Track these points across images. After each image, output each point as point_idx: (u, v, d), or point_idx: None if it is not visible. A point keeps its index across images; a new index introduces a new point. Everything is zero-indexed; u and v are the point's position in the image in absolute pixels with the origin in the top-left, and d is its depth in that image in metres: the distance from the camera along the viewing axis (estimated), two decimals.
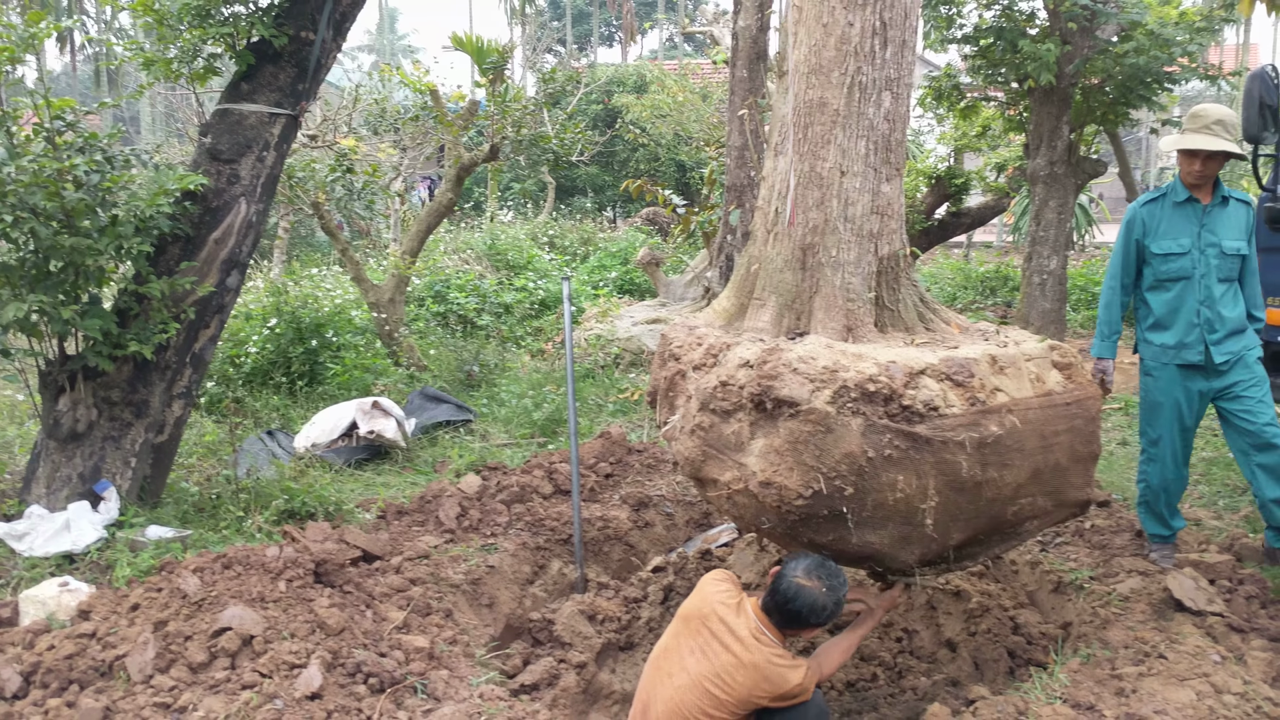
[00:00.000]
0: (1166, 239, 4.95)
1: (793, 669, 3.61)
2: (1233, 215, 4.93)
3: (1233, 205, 4.94)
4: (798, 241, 4.05)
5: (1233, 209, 4.94)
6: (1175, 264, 4.94)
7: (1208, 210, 4.92)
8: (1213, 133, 4.79)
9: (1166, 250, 4.95)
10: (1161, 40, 9.81)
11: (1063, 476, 3.96)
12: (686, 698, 3.62)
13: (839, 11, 3.92)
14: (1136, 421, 8.52)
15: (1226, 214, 4.92)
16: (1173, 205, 4.98)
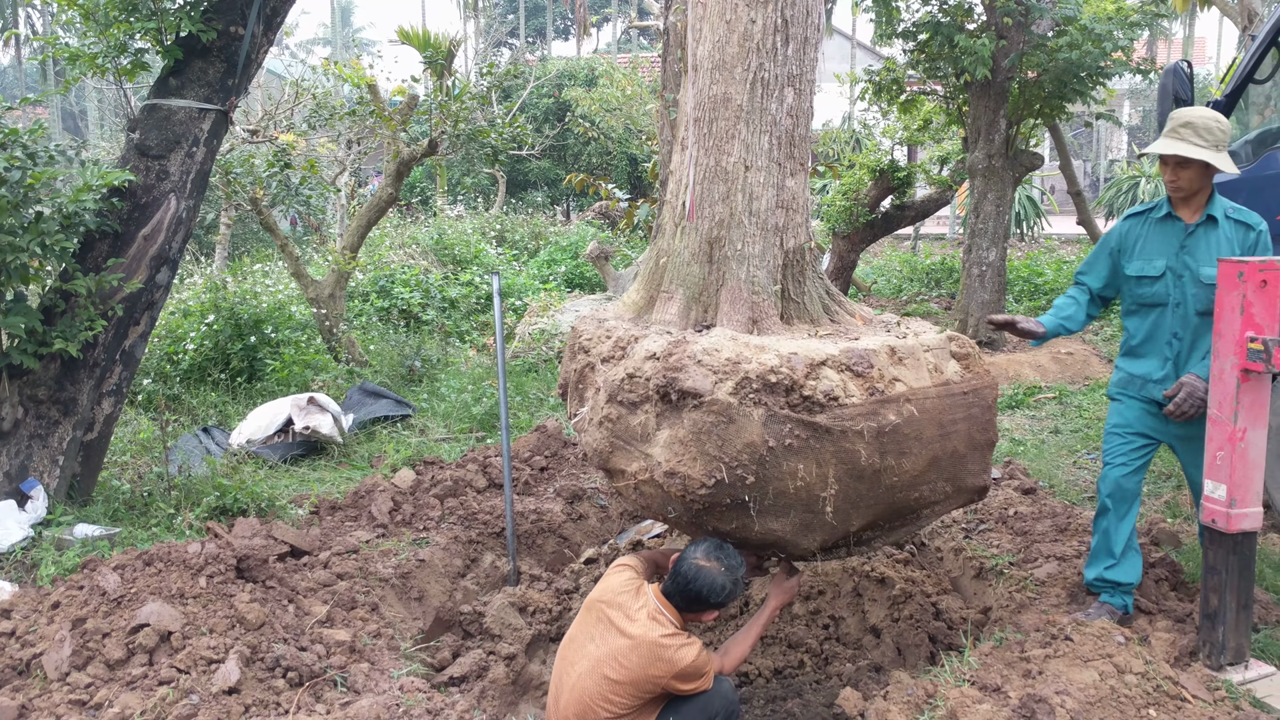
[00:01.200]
0: (1141, 259, 4.43)
1: (686, 647, 3.66)
2: (1222, 238, 4.26)
3: (1224, 226, 4.28)
4: (704, 235, 4.12)
5: (1224, 230, 4.27)
6: (1149, 289, 4.41)
7: (1190, 230, 4.31)
8: (1179, 136, 4.25)
9: (1140, 272, 4.43)
10: (1095, 35, 9.99)
11: (961, 464, 4.05)
12: (587, 684, 3.67)
13: (741, 9, 3.98)
14: (1069, 410, 8.73)
15: (1213, 236, 4.26)
16: (1155, 221, 4.43)
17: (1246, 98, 6.37)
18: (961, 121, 11.76)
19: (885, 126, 14.53)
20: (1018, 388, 9.45)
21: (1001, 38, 10.21)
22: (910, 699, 3.93)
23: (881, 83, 11.73)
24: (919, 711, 3.82)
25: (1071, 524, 5.54)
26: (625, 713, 3.67)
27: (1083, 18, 10.15)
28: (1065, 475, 6.90)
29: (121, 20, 5.79)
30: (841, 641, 5.12)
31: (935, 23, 10.55)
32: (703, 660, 3.69)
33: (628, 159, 24.43)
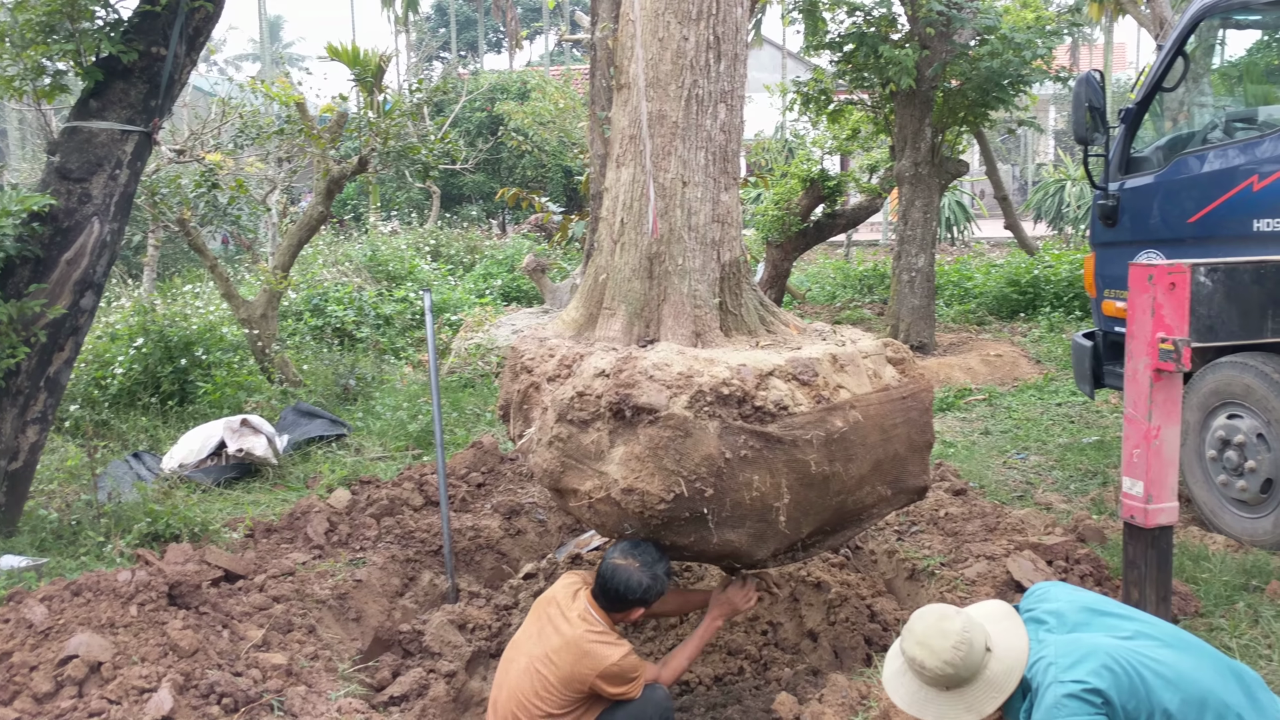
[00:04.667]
0: None
1: (611, 646, 3.73)
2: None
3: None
4: (644, 251, 4.16)
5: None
6: None
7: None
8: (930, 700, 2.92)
9: None
10: (1015, 44, 10.24)
11: (902, 465, 4.15)
12: (522, 682, 3.75)
13: (674, 26, 4.04)
14: (999, 412, 8.92)
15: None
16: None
17: (1159, 104, 6.58)
18: (889, 130, 11.97)
19: (815, 136, 14.73)
20: (949, 390, 9.63)
21: (925, 48, 10.42)
22: (845, 701, 4.00)
23: (810, 93, 11.91)
24: (853, 713, 3.90)
25: (1000, 523, 5.67)
26: (558, 712, 3.74)
27: (1003, 27, 10.41)
28: (995, 475, 7.05)
29: (39, 42, 5.69)
30: (780, 647, 5.17)
31: (861, 34, 10.74)
32: (629, 664, 3.74)
33: (562, 171, 24.44)
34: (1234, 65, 7.10)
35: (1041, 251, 16.30)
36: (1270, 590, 4.82)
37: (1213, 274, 4.23)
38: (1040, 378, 10.12)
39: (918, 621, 2.88)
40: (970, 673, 2.78)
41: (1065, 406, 9.02)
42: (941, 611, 2.87)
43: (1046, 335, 12.13)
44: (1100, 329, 6.78)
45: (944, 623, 2.81)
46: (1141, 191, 6.30)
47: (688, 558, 4.39)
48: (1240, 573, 5.03)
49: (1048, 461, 7.42)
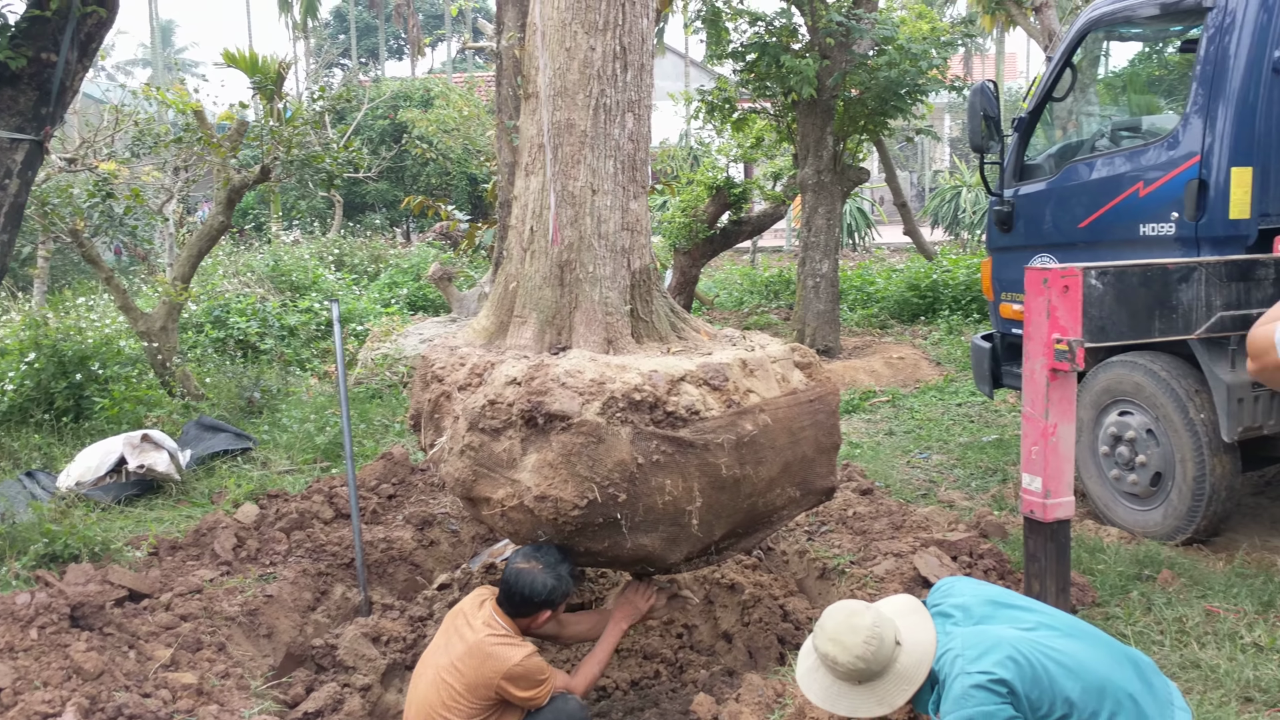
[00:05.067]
0: None
1: (514, 647, 3.75)
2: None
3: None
4: (555, 259, 4.19)
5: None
6: None
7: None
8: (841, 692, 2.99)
9: None
10: (912, 55, 10.52)
11: (810, 467, 4.24)
12: (429, 694, 3.75)
13: (581, 36, 4.08)
14: (902, 413, 9.14)
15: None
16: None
17: (1049, 113, 6.83)
18: (792, 139, 12.17)
19: (720, 144, 14.90)
20: (854, 393, 9.83)
21: (825, 58, 10.63)
22: (761, 700, 4.07)
23: (714, 102, 12.05)
24: (770, 711, 3.96)
25: (906, 521, 5.81)
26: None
27: (899, 38, 10.68)
28: (900, 475, 7.22)
29: None
30: (695, 649, 5.23)
31: (763, 44, 10.91)
32: (534, 665, 3.76)
33: (467, 179, 24.28)
34: (1118, 76, 7.41)
35: (940, 256, 16.74)
36: (1161, 579, 5.04)
37: (1103, 277, 4.41)
38: (941, 379, 10.40)
39: (829, 618, 2.96)
40: (881, 666, 2.86)
41: (965, 406, 9.28)
42: (851, 608, 2.95)
43: (946, 338, 12.46)
44: (998, 331, 7.00)
45: (854, 619, 2.90)
46: (1035, 198, 6.54)
47: (602, 563, 4.43)
48: (1133, 563, 5.24)
49: (949, 460, 7.64)
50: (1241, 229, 5.31)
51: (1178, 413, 5.45)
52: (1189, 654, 4.30)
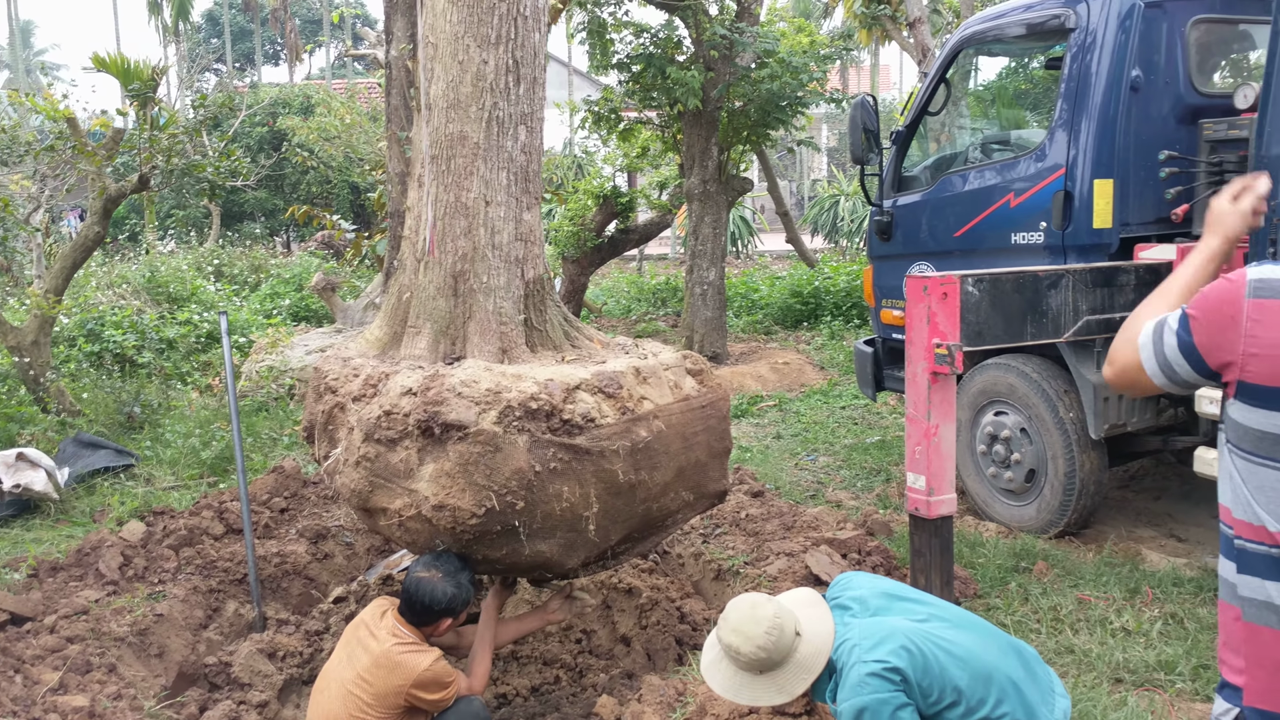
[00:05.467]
0: None
1: (421, 654, 3.78)
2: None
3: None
4: (448, 269, 4.21)
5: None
6: None
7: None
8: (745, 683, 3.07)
9: None
10: (792, 68, 10.79)
11: (703, 471, 4.35)
12: (335, 708, 3.74)
13: (473, 50, 4.11)
14: (789, 416, 9.36)
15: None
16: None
17: (925, 127, 7.11)
18: (677, 149, 12.35)
19: (606, 154, 15.01)
20: (742, 398, 10.02)
21: (710, 69, 10.83)
22: (663, 699, 4.16)
23: (601, 112, 12.15)
24: (671, 710, 4.05)
25: (797, 522, 5.97)
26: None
27: (781, 51, 10.95)
28: (789, 477, 7.41)
29: None
30: (594, 654, 5.30)
31: (648, 55, 11.05)
32: (442, 669, 3.80)
33: (349, 188, 23.90)
34: (990, 91, 7.75)
35: (821, 264, 17.15)
36: (1037, 570, 5.30)
37: (979, 284, 4.63)
38: (825, 383, 10.67)
39: (732, 610, 3.06)
40: (782, 656, 2.97)
41: (849, 409, 9.55)
42: (754, 600, 3.06)
43: (829, 343, 12.79)
44: (879, 336, 7.25)
45: (756, 610, 3.00)
46: (912, 208, 6.79)
47: (500, 571, 4.46)
48: (1011, 556, 5.50)
49: (836, 462, 7.86)
50: (1104, 238, 5.62)
51: (1049, 412, 5.74)
52: (1064, 640, 4.54)
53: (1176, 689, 4.12)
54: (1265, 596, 1.92)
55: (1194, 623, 4.65)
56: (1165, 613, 4.77)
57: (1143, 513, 6.43)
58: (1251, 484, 1.91)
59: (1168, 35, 5.62)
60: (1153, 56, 5.61)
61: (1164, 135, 5.65)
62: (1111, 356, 2.14)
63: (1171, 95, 5.67)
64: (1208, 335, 1.93)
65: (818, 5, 35.16)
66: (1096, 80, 5.61)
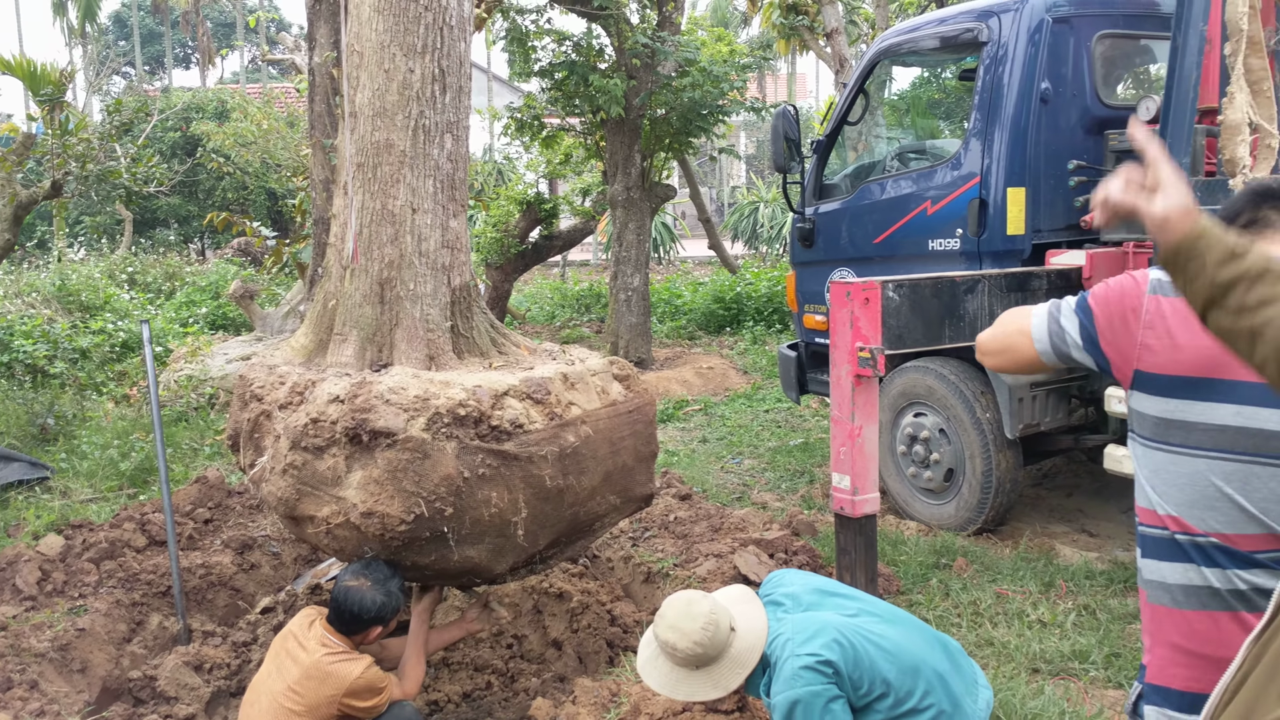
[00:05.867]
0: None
1: (352, 662, 3.77)
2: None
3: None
4: (375, 276, 4.20)
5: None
6: None
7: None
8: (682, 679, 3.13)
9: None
10: (713, 76, 10.93)
11: (630, 475, 4.41)
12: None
13: (399, 59, 4.12)
14: (714, 420, 9.46)
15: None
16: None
17: (845, 136, 7.27)
18: (600, 156, 12.42)
19: (529, 160, 15.02)
20: (668, 402, 10.11)
21: (632, 78, 10.91)
22: (597, 700, 4.20)
23: (523, 119, 12.17)
24: (606, 710, 4.10)
25: (724, 524, 6.06)
26: None
27: (701, 60, 11.08)
28: (715, 480, 7.51)
29: None
30: (526, 659, 5.31)
31: (571, 63, 11.11)
32: (375, 675, 3.80)
33: (266, 194, 23.52)
34: (907, 101, 7.94)
35: (743, 270, 17.35)
36: (957, 567, 5.45)
37: (900, 289, 4.76)
38: (749, 387, 10.82)
39: (669, 607, 3.12)
40: (717, 651, 3.04)
41: (773, 413, 9.70)
42: (690, 597, 3.13)
43: (751, 347, 12.96)
44: (802, 340, 7.39)
45: (692, 606, 3.07)
46: (833, 216, 6.94)
47: (429, 577, 4.47)
48: (931, 553, 5.65)
49: (761, 464, 7.98)
50: (1018, 244, 5.81)
51: (966, 413, 5.91)
52: (983, 633, 4.68)
53: (1090, 677, 4.28)
54: (1160, 577, 2.04)
55: (1105, 614, 4.84)
56: (1079, 605, 4.94)
57: (1056, 509, 6.65)
58: (1148, 468, 2.06)
59: (1075, 49, 5.84)
60: (1061, 69, 5.82)
61: (1072, 145, 5.86)
62: (999, 321, 2.29)
63: (1079, 107, 5.89)
64: (1107, 323, 2.07)
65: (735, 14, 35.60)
66: (1008, 92, 5.80)
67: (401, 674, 4.18)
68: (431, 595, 4.48)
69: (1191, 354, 1.93)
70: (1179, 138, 4.80)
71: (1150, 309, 2.00)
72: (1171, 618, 2.03)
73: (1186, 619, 1.99)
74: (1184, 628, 2.00)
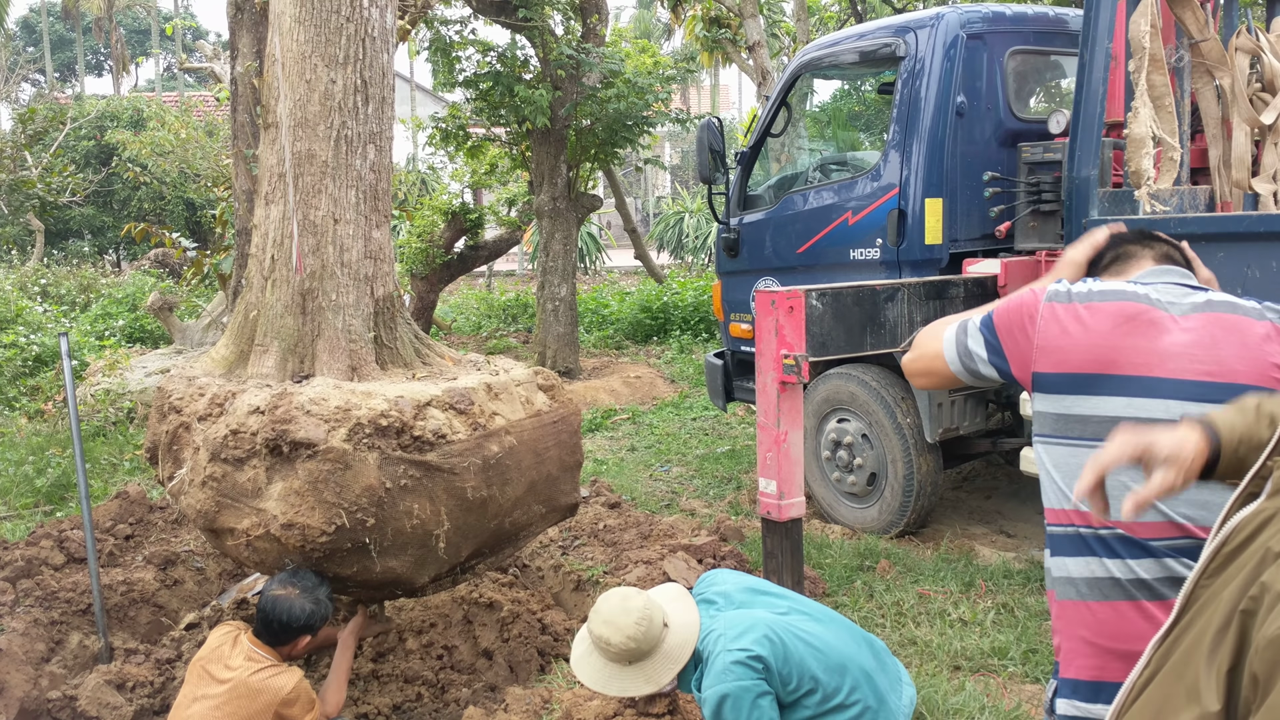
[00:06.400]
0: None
1: (283, 674, 3.74)
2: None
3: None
4: (296, 287, 4.18)
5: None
6: None
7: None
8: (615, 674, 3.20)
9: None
10: (638, 88, 11.01)
11: (554, 485, 4.43)
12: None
13: (321, 69, 4.10)
14: (642, 429, 9.51)
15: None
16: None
17: (768, 148, 7.37)
18: (526, 166, 12.42)
19: (454, 170, 14.97)
20: (596, 412, 10.14)
21: (557, 89, 10.95)
22: (529, 708, 4.22)
23: (448, 129, 12.14)
24: (538, 717, 4.12)
25: (653, 531, 6.10)
26: None
27: (626, 71, 11.16)
28: (644, 488, 7.55)
29: None
30: (456, 669, 5.29)
31: (495, 73, 11.11)
32: (307, 688, 3.77)
33: (184, 204, 23.09)
34: (828, 114, 8.08)
35: (669, 279, 17.47)
36: (880, 569, 5.56)
37: (823, 298, 4.85)
38: (676, 395, 10.89)
39: (603, 603, 3.17)
40: (650, 646, 3.09)
41: (700, 420, 9.78)
42: (624, 593, 3.18)
43: (678, 356, 13.05)
44: (729, 349, 7.47)
45: (627, 602, 3.12)
46: (757, 226, 7.04)
47: (351, 588, 4.44)
48: (856, 555, 5.75)
49: (689, 471, 8.04)
50: (936, 253, 5.95)
51: (887, 418, 6.03)
52: (906, 632, 4.79)
53: (1009, 672, 4.40)
54: (1066, 573, 2.15)
55: (1023, 611, 4.97)
56: (997, 603, 5.07)
57: (975, 511, 6.81)
58: (1050, 464, 2.18)
59: (988, 64, 6.01)
60: (976, 84, 5.98)
61: (987, 157, 6.02)
62: (917, 344, 2.41)
63: (993, 120, 6.06)
64: (1007, 333, 2.21)
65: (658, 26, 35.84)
66: (925, 105, 5.94)
67: (323, 696, 4.14)
68: (358, 618, 4.43)
69: (1082, 353, 2.06)
70: (1088, 150, 4.96)
71: (1045, 315, 2.13)
72: (1078, 611, 2.12)
73: (1091, 610, 2.09)
74: (1089, 619, 2.09)
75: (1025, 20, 6.26)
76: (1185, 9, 5.17)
